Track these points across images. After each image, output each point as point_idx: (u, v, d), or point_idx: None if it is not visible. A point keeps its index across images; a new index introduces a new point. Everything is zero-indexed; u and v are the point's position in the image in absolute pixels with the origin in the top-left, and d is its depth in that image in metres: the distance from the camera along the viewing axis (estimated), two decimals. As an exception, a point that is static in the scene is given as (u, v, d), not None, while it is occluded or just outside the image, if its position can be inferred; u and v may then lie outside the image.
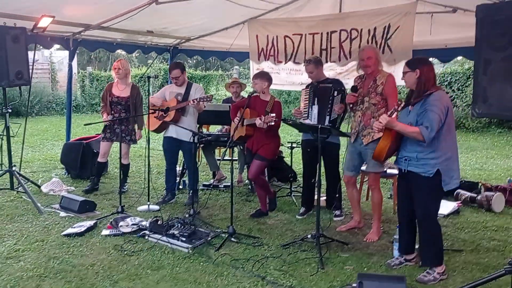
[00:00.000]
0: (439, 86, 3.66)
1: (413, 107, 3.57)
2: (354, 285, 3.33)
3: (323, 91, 4.90)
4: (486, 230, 4.82)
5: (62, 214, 5.13)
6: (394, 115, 3.47)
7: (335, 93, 4.76)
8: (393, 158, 3.83)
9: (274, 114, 4.64)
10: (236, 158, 6.83)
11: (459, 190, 5.81)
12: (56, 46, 7.16)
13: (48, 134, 11.30)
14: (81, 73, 18.54)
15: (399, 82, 4.39)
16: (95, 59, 25.80)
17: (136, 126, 5.99)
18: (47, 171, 7.26)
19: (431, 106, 3.37)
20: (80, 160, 6.71)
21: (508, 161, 8.71)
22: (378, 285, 3.20)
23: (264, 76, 5.03)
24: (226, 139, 5.81)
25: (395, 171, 5.40)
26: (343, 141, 4.99)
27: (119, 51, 8.34)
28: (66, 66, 16.22)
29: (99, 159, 6.20)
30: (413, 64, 3.57)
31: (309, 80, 5.24)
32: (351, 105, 4.58)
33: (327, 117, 4.79)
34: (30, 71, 5.53)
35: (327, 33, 6.19)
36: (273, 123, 4.66)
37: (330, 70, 6.09)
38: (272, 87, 7.73)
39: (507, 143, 10.93)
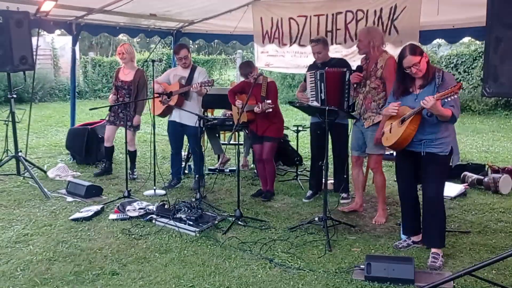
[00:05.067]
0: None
1: (420, 90, 3.54)
2: (362, 266, 3.34)
3: (334, 77, 4.71)
4: (493, 212, 4.80)
5: (69, 199, 5.14)
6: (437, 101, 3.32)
7: (350, 77, 4.61)
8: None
9: (270, 101, 4.70)
10: (242, 142, 6.81)
11: (465, 172, 5.80)
12: (58, 32, 7.09)
13: (52, 120, 11.30)
14: (83, 58, 18.45)
15: None
16: (96, 44, 25.68)
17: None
18: (52, 157, 7.27)
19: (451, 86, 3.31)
20: (86, 146, 6.70)
21: (514, 143, 8.67)
22: (386, 266, 3.21)
23: (253, 65, 5.08)
24: (231, 123, 5.79)
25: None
26: (350, 122, 4.95)
27: (121, 36, 8.29)
28: (68, 52, 16.17)
29: (105, 144, 6.20)
30: (417, 51, 3.51)
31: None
32: (355, 85, 4.54)
33: (345, 103, 4.70)
34: (34, 56, 5.50)
35: (333, 14, 6.11)
36: (270, 110, 4.73)
37: (335, 52, 6.01)
38: (276, 70, 7.72)
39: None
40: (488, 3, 2.70)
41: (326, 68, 4.80)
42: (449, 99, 3.24)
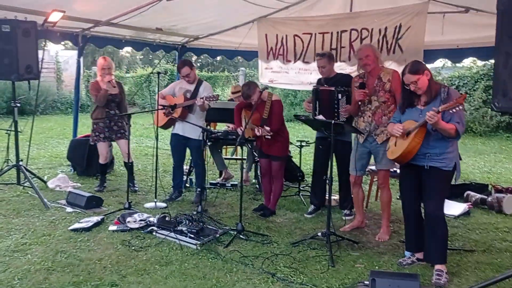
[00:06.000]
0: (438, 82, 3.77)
1: (425, 106, 3.56)
2: (367, 282, 3.28)
3: (325, 95, 4.80)
4: (497, 231, 4.75)
5: (69, 209, 5.09)
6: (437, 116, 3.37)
7: (339, 95, 4.68)
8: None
9: (268, 128, 4.71)
10: (245, 157, 6.78)
11: (469, 192, 5.76)
12: (61, 46, 7.15)
13: (53, 132, 11.31)
14: (87, 73, 18.57)
15: None
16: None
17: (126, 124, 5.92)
18: (53, 168, 7.24)
19: None
20: (87, 157, 6.68)
21: (516, 165, 8.65)
22: (391, 282, 3.14)
23: (252, 89, 4.85)
24: (234, 137, 5.77)
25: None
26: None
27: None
28: (71, 65, 16.37)
29: (101, 161, 6.09)
30: (418, 69, 3.55)
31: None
32: (359, 103, 4.52)
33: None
34: (40, 66, 5.51)
35: (337, 32, 6.15)
36: (269, 137, 4.73)
37: (340, 70, 5.99)
38: (280, 86, 7.72)
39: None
40: (498, 18, 2.72)
41: (321, 86, 4.87)
42: (453, 110, 3.26)
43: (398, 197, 5.79)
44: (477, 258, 4.01)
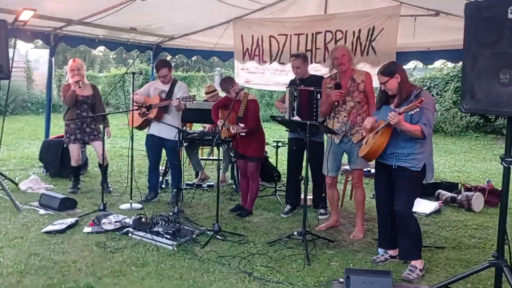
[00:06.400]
0: (414, 84, 3.86)
1: (397, 107, 3.65)
2: (342, 280, 3.34)
3: (305, 95, 4.87)
4: (466, 228, 4.91)
5: (42, 211, 4.99)
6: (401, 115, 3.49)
7: (318, 96, 4.76)
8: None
9: (243, 125, 4.73)
10: (221, 158, 6.78)
11: (440, 190, 5.93)
12: (31, 45, 7.00)
13: (24, 133, 11.04)
14: (58, 72, 18.18)
15: (375, 83, 4.40)
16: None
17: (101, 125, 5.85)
18: (24, 170, 7.08)
19: (426, 105, 3.47)
20: (60, 158, 6.56)
21: (485, 164, 8.94)
22: (365, 279, 3.22)
23: (233, 80, 5.07)
24: (210, 137, 5.77)
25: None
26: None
27: (97, 50, 8.21)
28: (42, 64, 16.00)
29: (73, 164, 5.96)
30: (390, 71, 3.67)
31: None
32: (335, 104, 4.58)
33: (314, 121, 4.77)
34: (10, 65, 5.38)
35: (312, 34, 6.23)
36: (243, 134, 4.75)
37: (315, 71, 6.09)
38: (256, 87, 7.75)
39: (483, 147, 11.22)
40: (465, 23, 2.82)
41: (299, 86, 4.93)
42: (411, 112, 3.37)
43: (372, 195, 5.93)
44: (447, 254, 4.14)
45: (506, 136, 2.99)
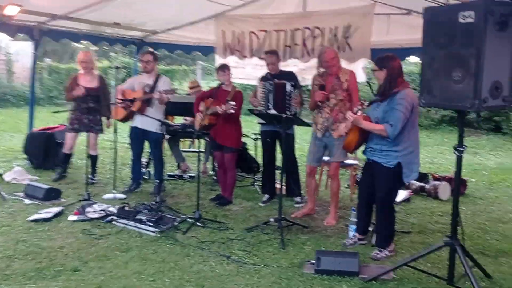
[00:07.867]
0: (407, 82, 3.89)
1: (381, 103, 3.81)
2: (313, 261, 3.61)
3: (280, 89, 5.13)
4: (432, 215, 5.25)
5: (27, 201, 5.14)
6: (359, 113, 3.74)
7: (291, 89, 5.05)
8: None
9: (234, 103, 4.91)
10: (203, 150, 6.99)
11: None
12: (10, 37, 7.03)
13: (5, 126, 11.03)
14: (38, 65, 18.02)
15: (358, 79, 4.74)
16: (52, 52, 25.11)
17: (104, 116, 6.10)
18: (7, 162, 7.16)
19: (397, 105, 3.65)
20: (44, 150, 6.69)
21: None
22: (334, 260, 3.50)
23: (228, 68, 5.37)
24: (192, 130, 5.97)
25: (353, 162, 5.78)
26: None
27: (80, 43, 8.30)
28: (23, 57, 15.87)
29: (66, 151, 6.19)
30: (381, 62, 3.80)
31: None
32: (319, 103, 4.84)
33: (288, 113, 5.03)
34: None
35: (291, 30, 6.46)
36: (232, 111, 4.91)
37: (293, 66, 6.36)
38: (237, 81, 7.94)
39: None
40: (423, 25, 3.09)
41: (274, 80, 5.20)
42: (358, 113, 3.68)
43: (346, 185, 6.23)
44: (412, 238, 4.45)
45: (457, 127, 3.28)
